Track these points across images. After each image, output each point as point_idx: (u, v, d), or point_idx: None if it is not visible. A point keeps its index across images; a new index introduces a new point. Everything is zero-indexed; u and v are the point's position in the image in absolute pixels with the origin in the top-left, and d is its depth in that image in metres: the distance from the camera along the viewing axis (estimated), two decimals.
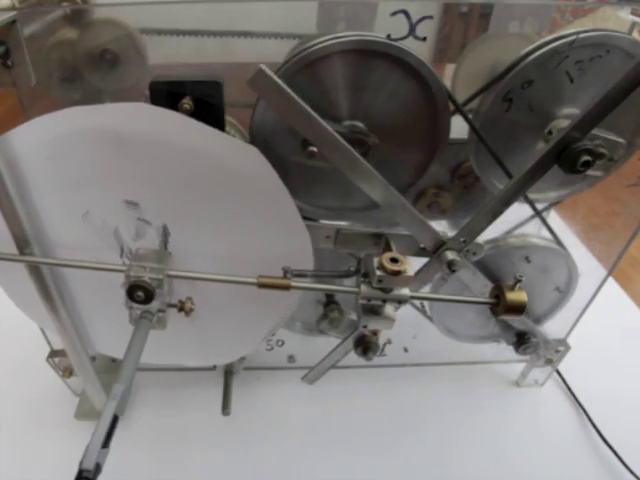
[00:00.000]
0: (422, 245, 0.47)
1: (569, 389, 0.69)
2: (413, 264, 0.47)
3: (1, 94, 0.42)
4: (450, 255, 0.46)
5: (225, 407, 0.60)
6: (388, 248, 0.45)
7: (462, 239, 0.46)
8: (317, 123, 0.39)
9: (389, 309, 0.42)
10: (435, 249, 0.46)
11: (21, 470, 0.58)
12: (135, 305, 0.40)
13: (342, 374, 0.69)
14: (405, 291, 0.41)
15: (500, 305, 0.44)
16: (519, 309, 0.43)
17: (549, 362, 0.65)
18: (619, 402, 0.67)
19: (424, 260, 0.48)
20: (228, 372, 0.64)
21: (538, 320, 0.61)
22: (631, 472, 0.59)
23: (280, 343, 0.64)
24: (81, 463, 0.30)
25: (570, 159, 0.40)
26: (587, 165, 0.40)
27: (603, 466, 0.61)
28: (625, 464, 0.60)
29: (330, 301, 0.60)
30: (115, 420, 0.33)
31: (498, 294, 0.44)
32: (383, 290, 0.40)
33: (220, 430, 0.62)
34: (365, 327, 0.44)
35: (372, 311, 0.42)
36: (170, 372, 0.67)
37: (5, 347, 0.71)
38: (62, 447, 0.59)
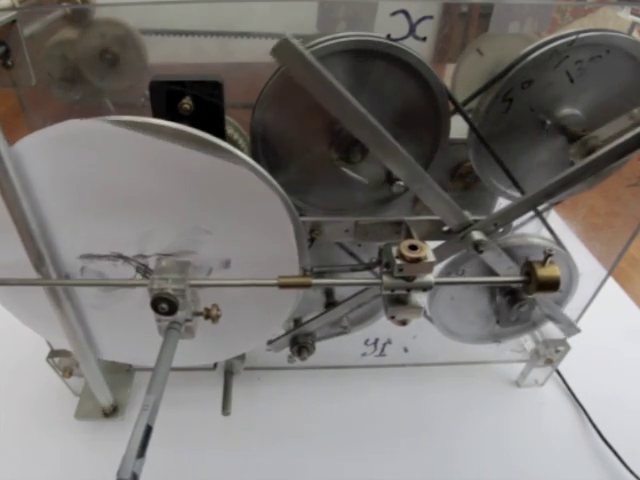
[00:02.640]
0: (445, 228, 0.46)
1: (569, 389, 0.69)
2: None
3: (1, 94, 0.42)
4: (477, 235, 0.44)
5: (225, 407, 0.59)
6: (409, 235, 0.44)
7: (494, 223, 0.44)
8: (343, 97, 0.37)
9: (415, 297, 0.41)
10: (460, 230, 0.45)
11: (21, 470, 0.58)
12: (162, 317, 0.40)
13: (342, 374, 0.69)
14: (429, 277, 0.39)
15: (532, 282, 0.42)
16: (553, 285, 0.41)
17: (549, 362, 0.65)
18: (619, 402, 0.67)
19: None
20: (228, 372, 0.64)
21: (539, 320, 0.61)
22: (631, 472, 0.59)
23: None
24: (118, 473, 0.31)
25: None
26: None
27: (603, 466, 0.61)
28: (625, 464, 0.60)
29: (330, 302, 0.60)
30: (149, 430, 0.34)
31: (529, 271, 0.42)
32: (406, 279, 0.39)
33: (220, 430, 0.62)
34: (393, 318, 0.42)
35: (398, 301, 0.41)
36: (170, 372, 0.67)
37: (5, 347, 0.71)
38: (62, 447, 0.60)
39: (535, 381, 0.69)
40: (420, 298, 0.41)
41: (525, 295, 0.54)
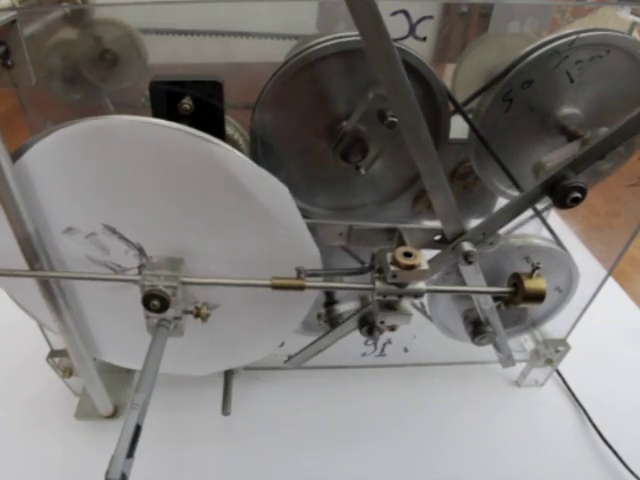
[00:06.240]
0: (437, 237, 0.46)
1: (569, 389, 0.69)
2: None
3: (1, 94, 0.42)
4: (467, 246, 0.45)
5: (225, 407, 0.59)
6: (401, 242, 0.45)
7: (482, 232, 0.45)
8: (396, 63, 0.35)
9: (405, 304, 0.42)
10: (453, 238, 0.45)
11: (21, 470, 0.58)
12: (152, 314, 0.40)
13: (342, 374, 0.69)
14: (421, 285, 0.40)
15: (519, 294, 0.43)
16: (539, 297, 0.42)
17: (549, 362, 0.65)
18: (619, 402, 0.67)
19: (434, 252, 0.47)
20: (228, 372, 0.64)
21: (538, 320, 0.61)
22: (631, 472, 0.59)
23: (280, 343, 0.64)
24: (107, 473, 0.31)
25: (560, 194, 0.42)
26: (576, 201, 0.42)
27: (603, 466, 0.61)
28: (625, 464, 0.60)
29: (330, 301, 0.60)
30: (138, 430, 0.33)
31: (516, 282, 0.43)
32: (398, 285, 0.40)
33: (220, 430, 0.62)
34: (382, 323, 0.43)
35: (388, 307, 0.42)
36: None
37: (5, 347, 0.71)
38: (63, 447, 0.60)
39: (535, 381, 0.69)
40: (410, 305, 0.42)
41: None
